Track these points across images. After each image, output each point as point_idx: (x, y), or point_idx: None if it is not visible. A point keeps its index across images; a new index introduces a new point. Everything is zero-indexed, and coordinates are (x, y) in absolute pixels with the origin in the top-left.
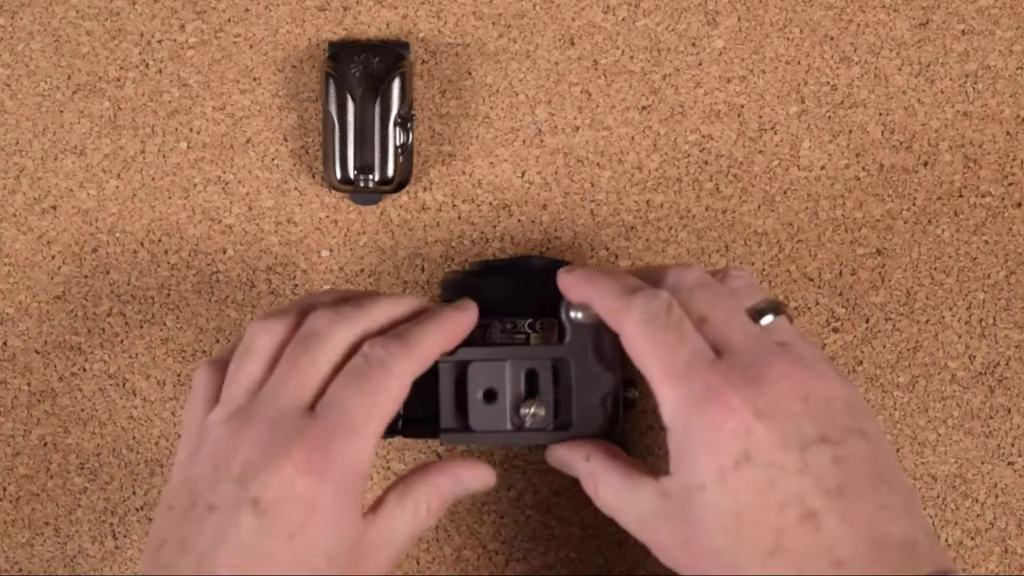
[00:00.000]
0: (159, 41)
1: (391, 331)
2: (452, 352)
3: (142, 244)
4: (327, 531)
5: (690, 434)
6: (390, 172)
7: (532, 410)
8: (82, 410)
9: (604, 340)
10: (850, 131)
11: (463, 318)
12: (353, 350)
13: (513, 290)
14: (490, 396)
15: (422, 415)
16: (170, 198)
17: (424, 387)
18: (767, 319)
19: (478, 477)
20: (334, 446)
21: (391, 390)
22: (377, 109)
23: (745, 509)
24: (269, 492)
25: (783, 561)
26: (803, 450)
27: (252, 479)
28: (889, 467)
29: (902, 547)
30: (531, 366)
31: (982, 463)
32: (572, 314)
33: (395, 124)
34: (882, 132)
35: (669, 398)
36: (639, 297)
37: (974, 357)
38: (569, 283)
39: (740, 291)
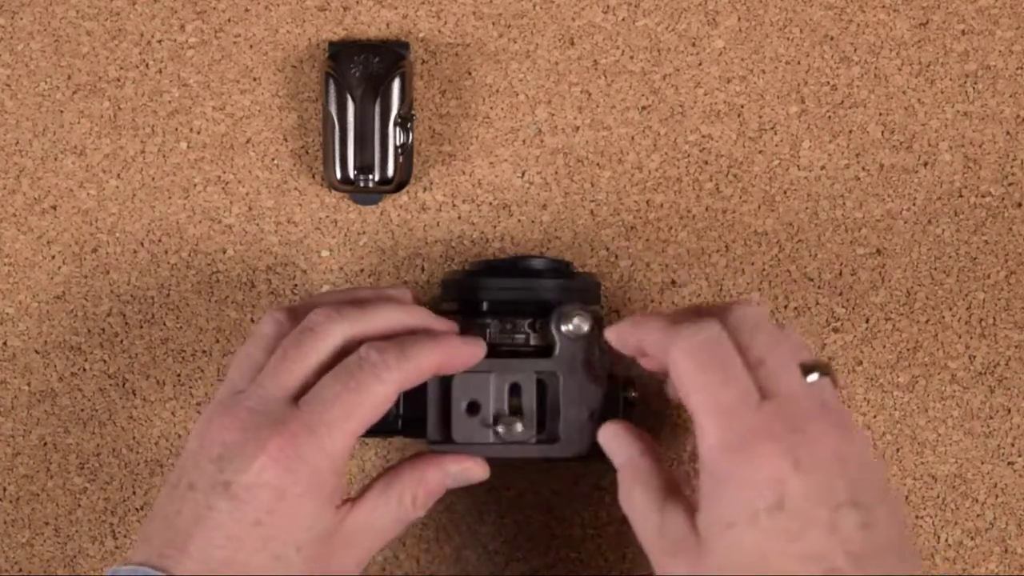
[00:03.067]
0: (159, 41)
1: (394, 339)
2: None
3: (142, 244)
4: (294, 521)
5: (727, 472)
6: (390, 172)
7: (511, 425)
8: (82, 410)
9: (594, 354)
10: (850, 131)
11: (466, 352)
12: (349, 350)
13: (513, 290)
14: (473, 408)
15: (422, 416)
16: (170, 198)
17: (425, 389)
18: (813, 377)
19: (467, 470)
20: (309, 440)
21: (376, 396)
22: (377, 109)
23: (771, 554)
24: (241, 477)
25: None
26: (834, 510)
27: (228, 463)
28: (902, 538)
29: None
30: (515, 380)
31: (982, 463)
32: (563, 327)
33: (395, 124)
34: (882, 132)
35: (710, 434)
36: (687, 327)
37: (974, 357)
38: (615, 337)
39: (794, 344)
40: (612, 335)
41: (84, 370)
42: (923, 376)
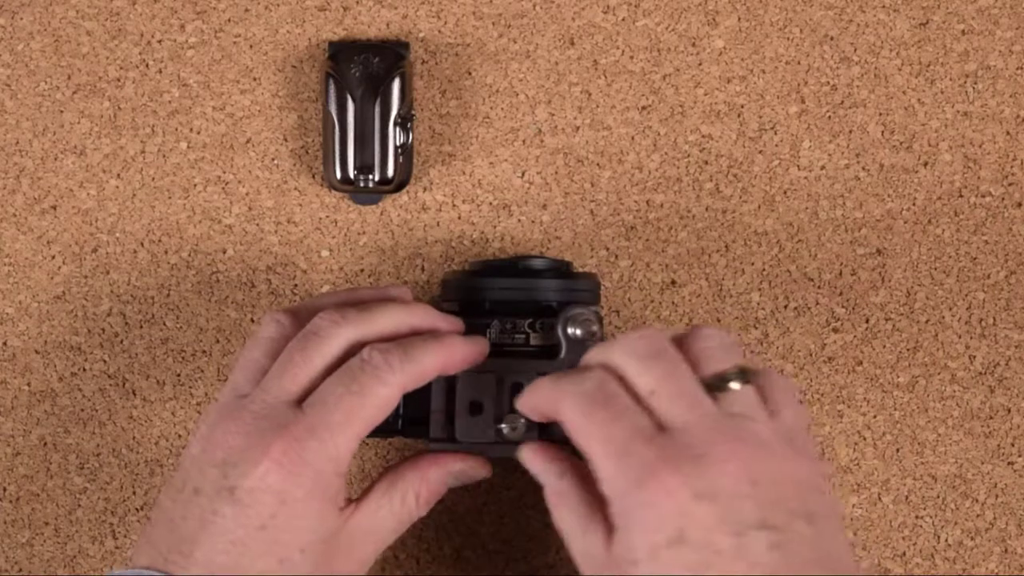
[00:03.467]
0: (159, 41)
1: (397, 341)
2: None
3: (142, 244)
4: (298, 524)
5: (628, 511)
6: (390, 172)
7: (514, 424)
8: (82, 410)
9: None
10: (850, 131)
11: (470, 351)
12: (352, 352)
13: (513, 290)
14: (475, 408)
15: (422, 416)
16: (170, 198)
17: (425, 389)
18: (734, 388)
19: (470, 469)
20: (312, 443)
21: (379, 398)
22: (377, 109)
23: None
24: (245, 482)
25: None
26: (740, 535)
27: (232, 468)
28: (832, 550)
29: None
30: (519, 380)
31: (982, 463)
32: (569, 330)
33: (395, 124)
34: (882, 132)
35: (607, 474)
36: (569, 379)
37: (974, 357)
38: (526, 410)
39: (706, 354)
40: (524, 408)
41: (84, 370)
42: (923, 376)
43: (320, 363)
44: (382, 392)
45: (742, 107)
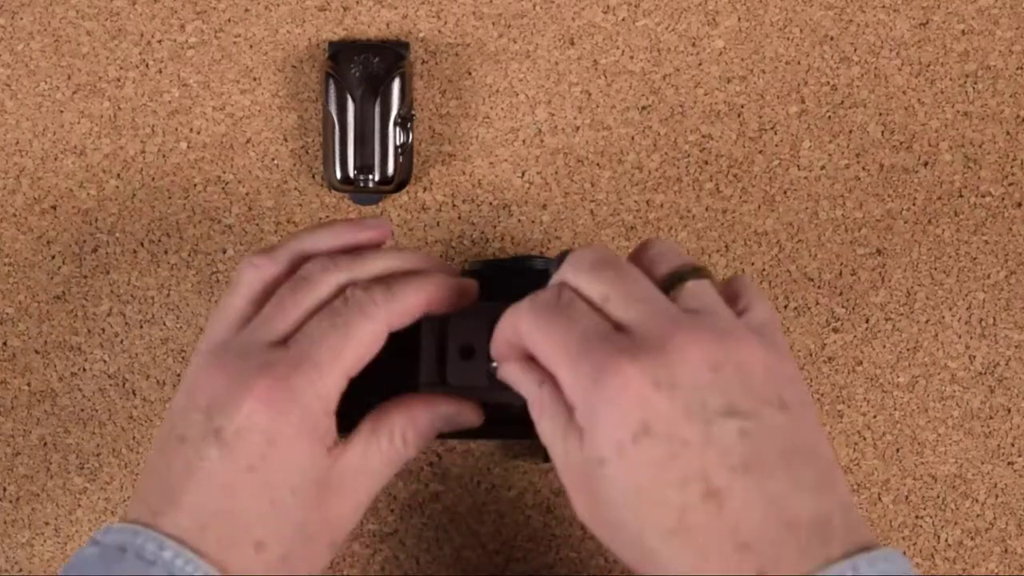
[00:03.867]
0: (159, 41)
1: (381, 279)
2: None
3: (142, 244)
4: (288, 464)
5: (590, 410)
6: (390, 172)
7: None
8: (82, 410)
9: None
10: (850, 131)
11: (457, 288)
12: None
13: (513, 290)
14: (467, 352)
15: (414, 364)
16: (170, 198)
17: (416, 336)
18: (689, 283)
19: (460, 413)
20: (297, 380)
21: (363, 333)
22: (377, 109)
23: (645, 484)
24: (231, 423)
25: (686, 540)
26: (708, 423)
27: (217, 410)
28: (808, 439)
29: (812, 525)
30: None
31: (982, 463)
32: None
33: (395, 124)
34: (882, 132)
35: (566, 378)
36: (526, 300)
37: (974, 357)
38: (494, 346)
39: (657, 259)
40: (494, 348)
41: (84, 370)
42: (923, 376)
43: (310, 304)
44: (367, 327)
45: (742, 107)
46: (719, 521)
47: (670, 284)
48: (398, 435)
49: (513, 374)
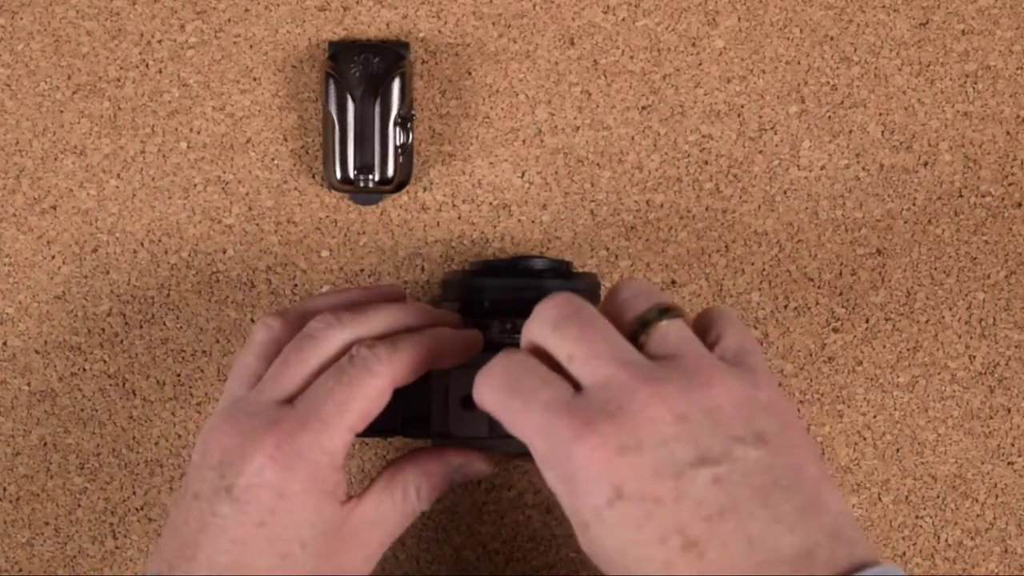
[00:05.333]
0: (159, 41)
1: (387, 337)
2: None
3: (142, 244)
4: (297, 518)
5: (567, 481)
6: (390, 172)
7: None
8: (82, 410)
9: None
10: (850, 131)
11: (461, 343)
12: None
13: (513, 290)
14: (468, 403)
15: (422, 414)
16: (170, 198)
17: (424, 387)
18: (658, 326)
19: (471, 464)
20: (304, 436)
21: (369, 389)
22: (377, 109)
23: (627, 545)
24: (241, 479)
25: None
26: (678, 477)
27: (227, 467)
28: (788, 469)
29: (795, 560)
30: None
31: (982, 463)
32: None
33: (395, 124)
34: (882, 132)
35: (540, 454)
36: (484, 370)
37: (974, 357)
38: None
39: (626, 304)
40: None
41: (84, 370)
42: (923, 376)
43: (315, 363)
44: (372, 383)
45: (742, 107)
46: (701, 569)
47: (638, 330)
48: (412, 489)
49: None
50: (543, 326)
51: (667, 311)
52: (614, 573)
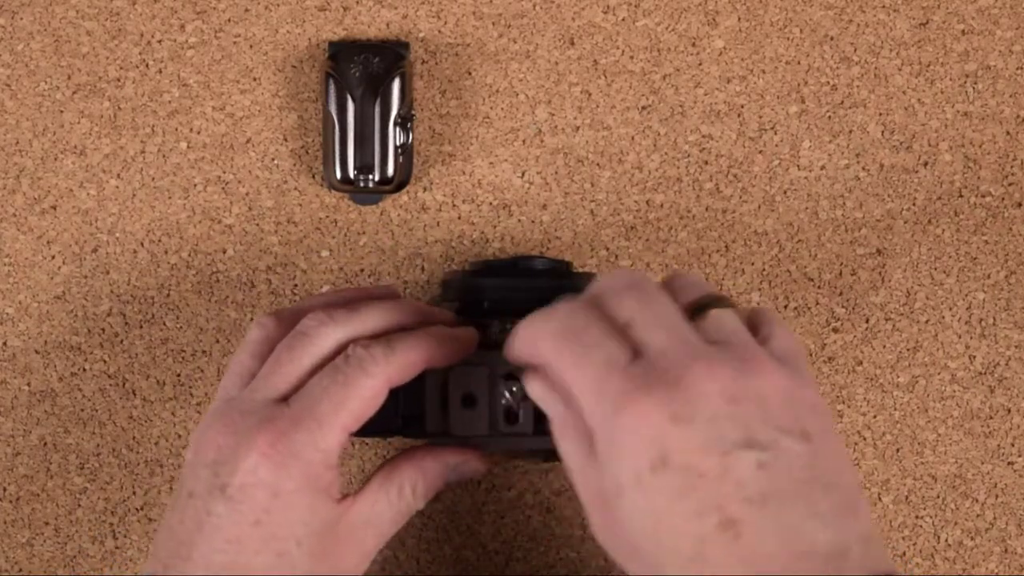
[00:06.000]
0: (159, 41)
1: (382, 336)
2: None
3: (142, 244)
4: (292, 517)
5: (609, 440)
6: (390, 172)
7: (508, 417)
8: (82, 410)
9: None
10: (850, 131)
11: (458, 341)
12: (341, 352)
13: (513, 290)
14: (469, 401)
15: (420, 413)
16: (170, 198)
17: (422, 386)
18: (712, 312)
19: (466, 463)
20: (298, 435)
21: (364, 389)
22: (377, 109)
23: (663, 514)
24: (236, 478)
25: (702, 568)
26: (724, 455)
27: (221, 466)
28: (829, 469)
29: (828, 555)
30: (510, 371)
31: (982, 463)
32: None
33: (395, 124)
34: (882, 132)
35: (587, 407)
36: (541, 316)
37: (974, 357)
38: (510, 355)
39: (681, 289)
40: (509, 356)
41: (84, 370)
42: (923, 376)
43: (308, 362)
44: (368, 383)
45: (742, 107)
46: (735, 551)
47: (694, 313)
48: (408, 488)
49: (538, 391)
50: (607, 288)
51: (719, 300)
52: (634, 551)
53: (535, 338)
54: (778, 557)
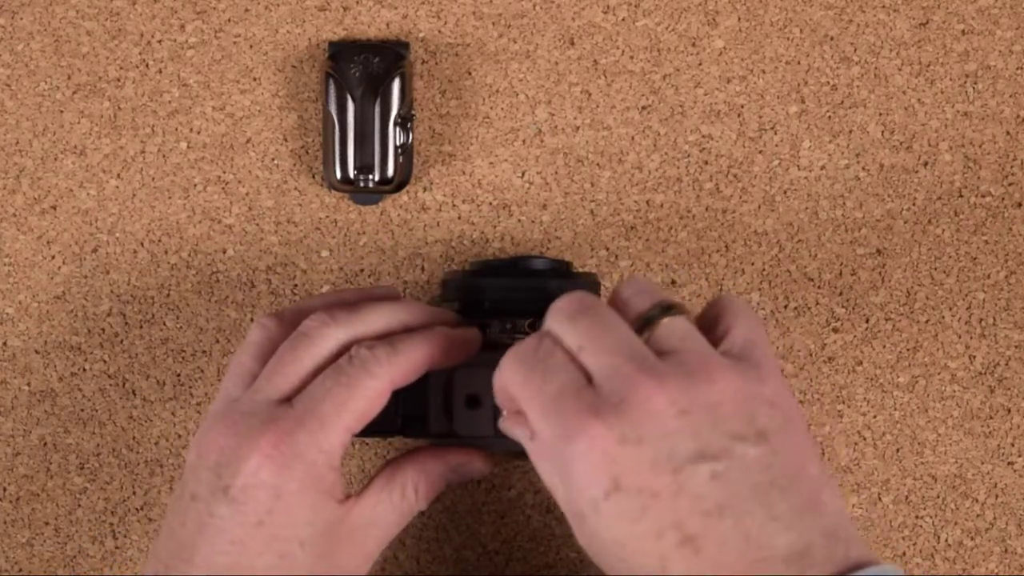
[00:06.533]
0: (159, 41)
1: (386, 338)
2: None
3: (142, 244)
4: (295, 517)
5: (565, 467)
6: (390, 172)
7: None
8: (82, 410)
9: None
10: (850, 131)
11: (459, 343)
12: (343, 353)
13: (513, 290)
14: (473, 402)
15: (422, 414)
16: (170, 198)
17: (423, 387)
18: (661, 323)
19: (468, 463)
20: (301, 435)
21: (367, 390)
22: (377, 109)
23: (624, 538)
24: (238, 479)
25: None
26: (677, 472)
27: (224, 467)
28: (789, 466)
29: (790, 558)
30: None
31: (982, 463)
32: None
33: (395, 124)
34: (882, 132)
35: (542, 433)
36: (511, 350)
37: (974, 357)
38: (496, 397)
39: (630, 302)
40: (497, 398)
41: (84, 370)
42: (923, 376)
43: (310, 363)
44: (371, 384)
45: (742, 107)
46: (696, 565)
47: (642, 326)
48: (410, 488)
49: (508, 426)
50: (557, 317)
51: (669, 308)
52: (610, 566)
53: (503, 378)
54: (738, 566)
